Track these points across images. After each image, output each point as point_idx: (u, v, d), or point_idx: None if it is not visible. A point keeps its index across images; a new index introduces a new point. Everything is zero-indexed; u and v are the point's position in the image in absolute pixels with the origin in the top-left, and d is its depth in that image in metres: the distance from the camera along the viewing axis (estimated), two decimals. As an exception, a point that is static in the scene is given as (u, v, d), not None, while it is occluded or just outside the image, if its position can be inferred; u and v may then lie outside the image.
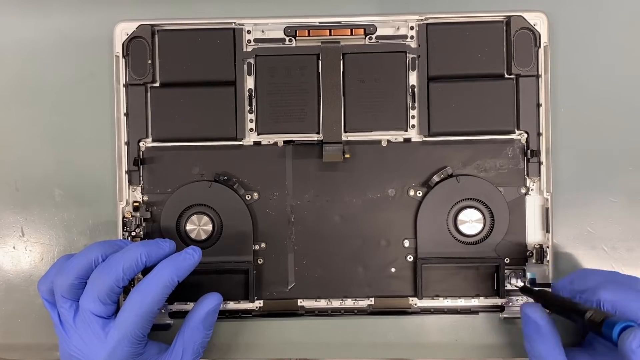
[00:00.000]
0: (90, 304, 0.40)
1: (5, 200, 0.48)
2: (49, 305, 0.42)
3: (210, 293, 0.44)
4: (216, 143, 0.47)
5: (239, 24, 0.46)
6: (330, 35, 0.46)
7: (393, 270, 0.47)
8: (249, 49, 0.47)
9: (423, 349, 0.47)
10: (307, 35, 0.46)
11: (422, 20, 0.46)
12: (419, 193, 0.47)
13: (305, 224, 0.47)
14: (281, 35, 0.46)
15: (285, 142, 0.47)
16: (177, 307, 0.47)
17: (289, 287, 0.47)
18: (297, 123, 0.46)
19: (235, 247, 0.46)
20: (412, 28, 0.46)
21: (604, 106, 0.47)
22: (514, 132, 0.47)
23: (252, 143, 0.47)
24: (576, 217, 0.47)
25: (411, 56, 0.46)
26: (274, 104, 0.46)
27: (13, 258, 0.48)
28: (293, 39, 0.46)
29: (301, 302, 0.47)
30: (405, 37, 0.46)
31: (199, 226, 0.46)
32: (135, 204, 0.47)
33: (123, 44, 0.46)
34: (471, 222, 0.46)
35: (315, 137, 0.46)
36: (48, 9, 0.48)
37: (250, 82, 0.47)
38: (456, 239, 0.47)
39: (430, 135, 0.46)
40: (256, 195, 0.47)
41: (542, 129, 0.46)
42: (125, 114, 0.47)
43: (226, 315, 0.47)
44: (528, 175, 0.47)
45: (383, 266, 0.47)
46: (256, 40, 0.47)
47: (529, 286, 0.45)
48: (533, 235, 0.47)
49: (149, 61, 0.46)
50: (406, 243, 0.47)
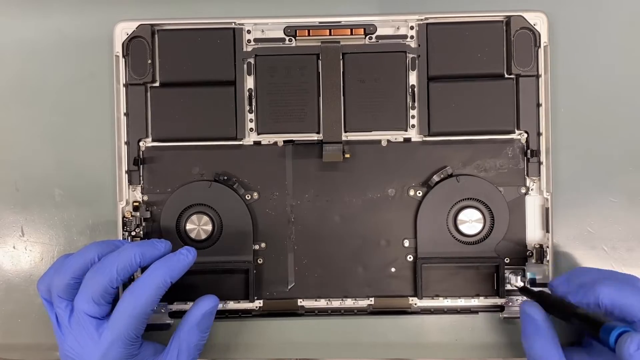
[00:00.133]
0: (84, 305, 0.40)
1: (5, 200, 0.48)
2: (48, 305, 0.42)
3: (206, 295, 0.43)
4: (216, 143, 0.47)
5: (239, 24, 0.46)
6: (330, 35, 0.46)
7: (393, 270, 0.47)
8: (249, 49, 0.47)
9: (423, 349, 0.47)
10: (307, 35, 0.46)
11: (422, 20, 0.46)
12: (419, 193, 0.47)
13: (305, 224, 0.47)
14: (281, 35, 0.46)
15: (285, 142, 0.47)
16: (177, 307, 0.47)
17: (289, 287, 0.47)
18: (297, 123, 0.46)
19: (235, 247, 0.46)
20: (412, 28, 0.46)
21: (604, 106, 0.47)
22: (514, 132, 0.47)
23: (252, 143, 0.47)
24: (576, 217, 0.47)
25: (411, 56, 0.46)
26: (274, 104, 0.46)
27: (13, 258, 0.48)
28: (293, 39, 0.46)
29: (301, 302, 0.47)
30: (405, 37, 0.46)
31: (199, 226, 0.46)
32: (135, 204, 0.47)
33: (123, 44, 0.46)
34: (471, 222, 0.46)
35: (315, 137, 0.46)
36: (48, 9, 0.48)
37: (250, 82, 0.47)
38: (456, 239, 0.47)
39: (430, 135, 0.46)
40: (256, 195, 0.47)
41: (542, 129, 0.46)
42: (125, 114, 0.47)
43: (226, 315, 0.47)
44: (528, 175, 0.47)
45: (383, 266, 0.47)
46: (256, 40, 0.47)
47: (528, 287, 0.46)
48: (533, 235, 0.47)
49: (149, 61, 0.46)
50: (406, 243, 0.47)
